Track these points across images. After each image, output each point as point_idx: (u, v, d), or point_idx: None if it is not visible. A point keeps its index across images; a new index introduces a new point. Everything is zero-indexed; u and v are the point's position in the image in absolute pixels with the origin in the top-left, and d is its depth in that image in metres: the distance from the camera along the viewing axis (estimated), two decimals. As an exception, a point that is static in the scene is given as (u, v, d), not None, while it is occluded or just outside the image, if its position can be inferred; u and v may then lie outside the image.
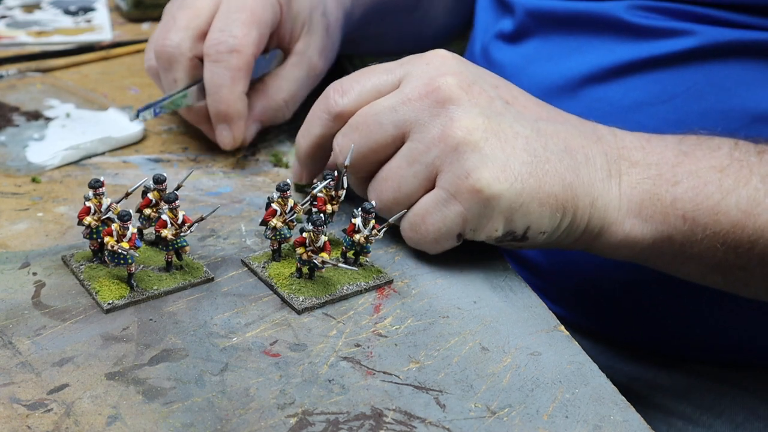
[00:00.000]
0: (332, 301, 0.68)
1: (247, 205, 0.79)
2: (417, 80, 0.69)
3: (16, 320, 0.65)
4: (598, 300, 0.94)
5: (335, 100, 0.72)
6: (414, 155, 0.69)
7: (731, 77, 0.84)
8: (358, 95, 0.72)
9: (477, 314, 0.68)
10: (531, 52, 0.94)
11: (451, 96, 0.68)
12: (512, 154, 0.67)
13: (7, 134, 0.88)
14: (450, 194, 0.68)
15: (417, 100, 0.69)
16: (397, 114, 0.69)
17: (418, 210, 0.70)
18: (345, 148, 0.71)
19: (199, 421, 0.57)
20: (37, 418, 0.57)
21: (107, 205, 0.68)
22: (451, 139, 0.67)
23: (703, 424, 0.91)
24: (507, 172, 0.67)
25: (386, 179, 0.70)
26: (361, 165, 0.71)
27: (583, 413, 0.59)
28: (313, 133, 0.74)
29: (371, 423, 0.58)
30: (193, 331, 0.64)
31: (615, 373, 0.93)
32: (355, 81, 0.72)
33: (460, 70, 0.70)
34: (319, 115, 0.73)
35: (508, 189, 0.67)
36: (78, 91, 0.96)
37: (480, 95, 0.69)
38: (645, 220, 0.71)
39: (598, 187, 0.70)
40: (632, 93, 0.87)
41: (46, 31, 1.11)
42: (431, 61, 0.71)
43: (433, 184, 0.69)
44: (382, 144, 0.70)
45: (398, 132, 0.69)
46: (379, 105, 0.70)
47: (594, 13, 0.89)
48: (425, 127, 0.68)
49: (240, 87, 0.82)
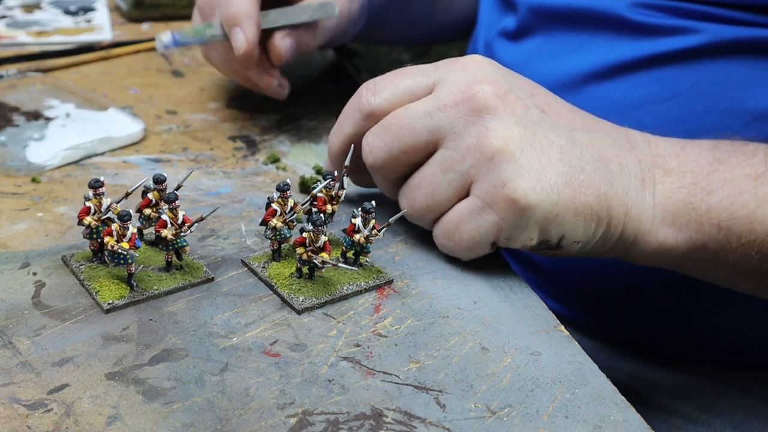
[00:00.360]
0: (332, 301, 0.68)
1: (247, 205, 0.79)
2: (452, 86, 0.69)
3: (16, 320, 0.65)
4: (599, 299, 0.94)
5: (368, 99, 0.72)
6: (449, 163, 0.68)
7: (734, 75, 0.84)
8: (392, 96, 0.71)
9: (477, 314, 0.68)
10: (533, 49, 0.94)
11: (487, 105, 0.68)
12: (548, 164, 0.67)
13: (7, 134, 0.88)
14: (485, 203, 0.67)
15: (452, 107, 0.68)
16: (431, 120, 0.69)
17: (452, 218, 0.69)
18: (375, 149, 0.71)
19: (199, 421, 0.57)
20: (37, 418, 0.57)
21: (107, 205, 0.68)
22: (487, 149, 0.67)
23: (703, 423, 0.91)
24: (543, 183, 0.67)
25: (419, 186, 0.70)
26: (391, 167, 0.71)
27: (583, 413, 0.59)
28: (344, 132, 0.74)
29: (371, 423, 0.58)
30: (193, 331, 0.64)
31: (615, 372, 0.93)
32: (388, 81, 0.72)
33: (497, 77, 0.70)
34: (351, 113, 0.73)
35: (543, 199, 0.67)
36: (78, 91, 0.96)
37: (516, 104, 0.69)
38: (679, 229, 0.71)
39: (632, 197, 0.70)
40: (634, 91, 0.87)
41: (46, 31, 1.11)
42: (467, 67, 0.70)
43: (467, 192, 0.69)
44: (414, 148, 0.70)
45: (432, 138, 0.69)
46: (414, 109, 0.70)
47: (597, 10, 0.89)
48: (460, 136, 0.68)
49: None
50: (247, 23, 0.83)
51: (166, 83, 1.01)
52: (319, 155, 0.88)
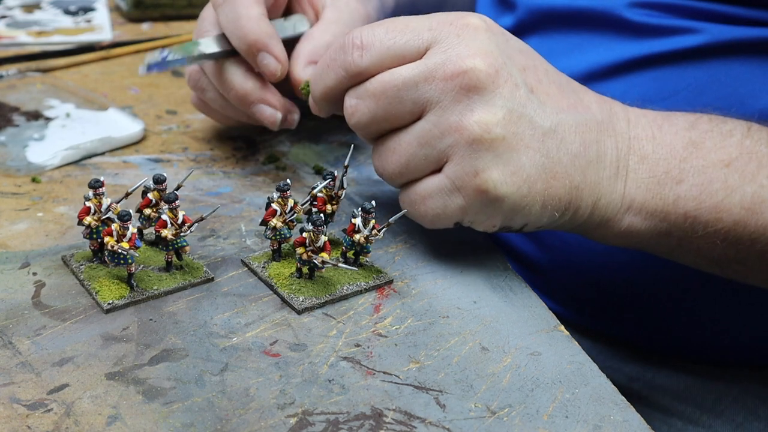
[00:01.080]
0: (332, 301, 0.68)
1: (247, 205, 0.79)
2: (444, 55, 0.67)
3: (16, 320, 0.65)
4: (598, 299, 0.94)
5: (353, 57, 0.68)
6: (427, 137, 0.67)
7: (733, 74, 0.84)
8: (380, 57, 0.68)
9: (477, 314, 0.68)
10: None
11: (476, 84, 0.66)
12: (525, 154, 0.67)
13: (7, 134, 0.88)
14: (455, 186, 0.67)
15: (441, 80, 0.66)
16: (418, 91, 0.67)
17: (420, 191, 0.69)
18: (358, 112, 0.69)
19: (199, 421, 0.57)
20: (37, 418, 0.57)
21: (107, 205, 0.68)
22: (467, 132, 0.66)
23: (703, 425, 0.91)
24: (516, 175, 0.67)
25: (394, 151, 0.69)
26: (372, 129, 0.70)
27: (583, 413, 0.59)
28: (326, 83, 0.71)
29: (371, 423, 0.58)
30: (193, 331, 0.64)
31: (615, 372, 0.93)
32: (377, 38, 0.68)
33: (491, 48, 0.68)
34: (335, 68, 0.70)
35: (514, 192, 0.67)
36: (78, 91, 0.96)
37: (505, 83, 0.67)
38: (645, 218, 0.72)
39: (603, 186, 0.70)
40: (633, 90, 0.87)
41: (46, 31, 1.11)
42: (462, 33, 0.67)
43: (440, 167, 0.68)
44: (398, 117, 0.68)
45: (416, 108, 0.68)
46: (400, 76, 0.67)
47: (595, 10, 0.89)
48: (444, 112, 0.67)
49: (255, 10, 0.78)
50: (273, 44, 0.78)
51: (166, 83, 1.01)
52: (319, 155, 0.88)
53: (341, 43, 0.69)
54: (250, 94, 0.80)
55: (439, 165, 0.68)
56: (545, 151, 0.68)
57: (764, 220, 0.72)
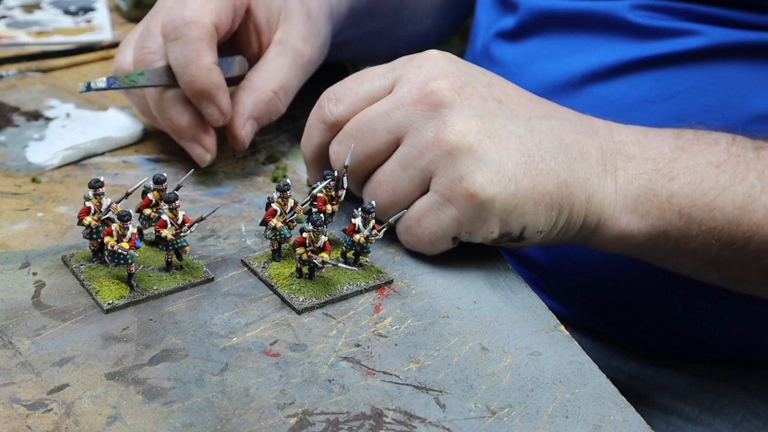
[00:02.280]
0: (332, 301, 0.68)
1: (247, 205, 0.79)
2: (409, 84, 0.70)
3: (16, 320, 0.65)
4: (597, 298, 0.94)
5: (329, 109, 0.72)
6: (408, 160, 0.69)
7: (734, 77, 0.84)
8: (352, 103, 0.72)
9: (477, 314, 0.68)
10: (532, 49, 0.94)
11: (443, 100, 0.68)
12: (506, 154, 0.68)
13: (7, 134, 0.88)
14: (444, 198, 0.68)
15: (410, 105, 0.69)
16: (390, 119, 0.69)
17: (413, 213, 0.70)
18: (341, 155, 0.71)
19: (199, 421, 0.57)
20: (37, 418, 0.57)
21: (107, 205, 0.68)
22: (444, 144, 0.67)
23: (702, 423, 0.91)
24: (500, 175, 0.67)
25: (381, 183, 0.71)
26: (358, 171, 0.72)
27: (583, 413, 0.59)
28: (312, 143, 0.75)
29: (371, 423, 0.58)
30: (193, 331, 0.64)
31: (614, 371, 0.93)
32: (348, 88, 0.72)
33: (452, 71, 0.70)
34: (316, 125, 0.74)
35: (502, 191, 0.67)
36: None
37: (472, 96, 0.69)
38: (641, 216, 0.72)
39: (593, 183, 0.70)
40: (634, 91, 0.87)
41: (46, 31, 1.11)
42: (423, 64, 0.71)
43: (427, 187, 0.69)
44: (377, 150, 0.70)
45: (392, 137, 0.70)
46: (372, 111, 0.70)
47: (597, 12, 0.89)
48: (419, 132, 0.68)
49: (207, 58, 0.76)
50: (218, 95, 0.77)
51: (166, 83, 1.01)
52: (319, 155, 0.88)
53: (318, 103, 0.74)
54: (184, 131, 0.80)
55: (425, 185, 0.69)
56: (525, 150, 0.69)
57: (757, 219, 0.72)
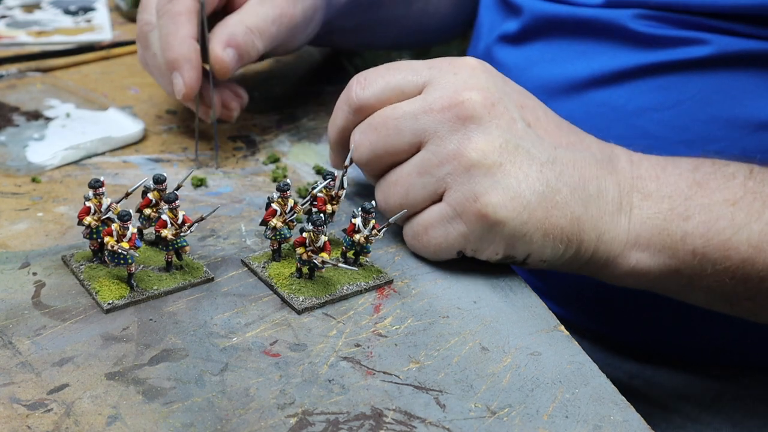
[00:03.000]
0: (332, 301, 0.68)
1: (247, 205, 0.79)
2: (442, 90, 0.69)
3: (16, 320, 0.65)
4: (597, 300, 0.94)
5: (356, 92, 0.71)
6: (426, 166, 0.68)
7: (738, 86, 0.83)
8: (381, 91, 0.71)
9: (477, 314, 0.68)
10: (536, 54, 0.94)
11: (473, 114, 0.67)
12: (524, 181, 0.67)
13: (7, 134, 0.88)
14: (456, 213, 0.68)
15: (439, 111, 0.68)
16: (417, 122, 0.68)
17: (422, 221, 0.70)
18: (361, 147, 0.71)
19: (199, 421, 0.57)
20: (37, 418, 0.57)
21: (107, 205, 0.68)
22: (465, 159, 0.67)
23: (702, 422, 0.91)
24: (516, 201, 0.67)
25: (395, 183, 0.70)
26: (375, 164, 0.71)
27: (583, 413, 0.59)
28: (337, 125, 0.74)
29: (371, 423, 0.58)
30: (193, 331, 0.64)
31: (614, 370, 0.93)
32: (379, 75, 0.71)
33: (487, 85, 0.69)
34: (341, 106, 0.73)
35: (514, 218, 0.67)
36: (78, 90, 0.96)
37: (502, 115, 0.68)
38: (653, 254, 0.71)
39: (606, 221, 0.70)
40: (637, 98, 0.87)
41: (46, 31, 1.11)
42: (459, 71, 0.70)
43: (440, 197, 0.69)
44: (398, 149, 0.70)
45: (415, 140, 0.69)
46: (400, 109, 0.69)
47: (600, 20, 0.88)
48: (442, 141, 0.68)
49: (184, 31, 0.80)
50: (186, 69, 0.80)
51: (166, 83, 1.01)
52: (319, 155, 0.88)
53: (348, 85, 0.72)
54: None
55: (439, 195, 0.69)
56: (544, 180, 0.68)
57: None
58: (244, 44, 0.82)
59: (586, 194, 0.69)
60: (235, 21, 0.82)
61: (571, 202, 0.68)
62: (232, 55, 0.82)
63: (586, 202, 0.69)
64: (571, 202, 0.68)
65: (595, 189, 0.70)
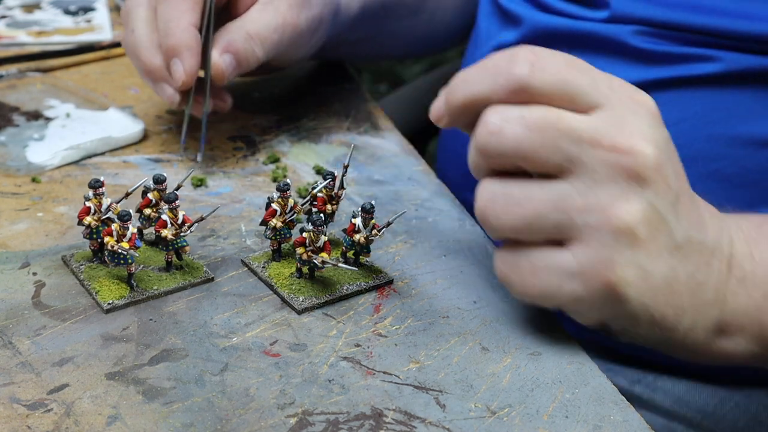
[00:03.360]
0: (332, 301, 0.68)
1: (247, 205, 0.79)
2: (617, 126, 0.60)
3: (16, 320, 0.65)
4: None
5: (522, 70, 0.60)
6: (566, 204, 0.59)
7: (742, 103, 0.82)
8: (554, 85, 0.60)
9: (477, 314, 0.68)
10: None
11: (642, 173, 0.59)
12: (658, 262, 0.61)
13: (7, 134, 0.88)
14: (580, 272, 0.60)
15: (607, 149, 0.59)
16: (578, 148, 0.59)
17: (534, 260, 0.62)
18: (504, 137, 0.60)
19: (199, 421, 0.57)
20: (37, 418, 0.57)
21: (107, 205, 0.68)
22: (615, 220, 0.59)
23: (705, 429, 0.91)
24: (645, 282, 0.61)
25: (519, 203, 0.60)
26: (502, 161, 0.61)
27: (583, 413, 0.59)
28: (473, 90, 0.62)
29: (371, 423, 0.58)
30: (193, 331, 0.64)
31: (615, 375, 0.92)
32: (558, 66, 0.60)
33: (661, 141, 0.61)
34: (493, 74, 0.61)
35: (637, 299, 0.61)
36: (78, 90, 0.96)
37: (663, 182, 0.61)
38: (741, 342, 0.67)
39: (702, 311, 0.65)
40: None
41: (46, 31, 1.11)
42: (639, 111, 0.61)
43: (564, 240, 0.61)
44: (541, 163, 0.60)
45: (567, 165, 0.59)
46: (568, 123, 0.59)
47: (600, 34, 0.87)
48: (596, 185, 0.59)
49: (186, 18, 0.79)
50: (187, 56, 0.79)
51: (166, 83, 1.01)
52: (319, 155, 0.88)
53: (510, 53, 0.61)
54: (156, 71, 0.81)
55: (564, 238, 0.61)
56: (673, 265, 0.62)
57: None
58: (243, 51, 0.81)
59: (694, 283, 0.63)
60: (236, 27, 0.82)
61: (683, 293, 0.63)
62: (230, 61, 0.81)
63: (693, 291, 0.63)
64: (683, 292, 0.63)
65: (703, 277, 0.64)
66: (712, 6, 0.82)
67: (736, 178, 0.84)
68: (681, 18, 0.83)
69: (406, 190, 0.82)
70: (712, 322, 0.65)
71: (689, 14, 0.83)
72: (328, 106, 0.97)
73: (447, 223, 0.78)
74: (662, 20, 0.84)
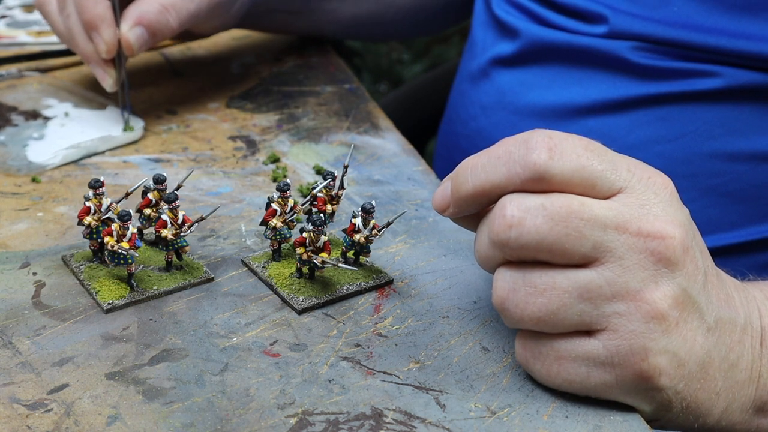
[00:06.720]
0: (332, 301, 0.68)
1: (247, 205, 0.79)
2: (642, 210, 0.58)
3: (16, 320, 0.65)
4: None
5: (541, 157, 0.57)
6: (593, 294, 0.57)
7: (743, 119, 0.81)
8: (573, 172, 0.57)
9: (477, 314, 0.68)
10: (531, 78, 0.92)
11: (670, 258, 0.57)
12: (691, 347, 0.59)
13: (6, 134, 0.88)
14: (612, 362, 0.58)
15: (634, 235, 0.57)
16: (604, 235, 0.57)
17: (559, 348, 0.59)
18: (525, 230, 0.57)
19: (199, 421, 0.57)
20: (37, 418, 0.57)
21: (107, 205, 0.68)
22: (648, 307, 0.57)
23: None
24: (679, 369, 0.59)
25: (543, 293, 0.58)
26: (524, 253, 0.58)
27: (583, 413, 0.59)
28: (490, 179, 0.59)
29: (371, 423, 0.58)
30: (193, 331, 0.64)
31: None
32: (575, 151, 0.58)
33: (684, 223, 0.59)
34: (509, 162, 0.58)
35: (671, 387, 0.59)
36: (76, 90, 0.96)
37: (691, 264, 0.59)
38: None
39: (735, 391, 0.63)
40: (638, 129, 0.84)
41: (46, 31, 1.11)
42: (660, 192, 0.59)
43: (591, 330, 0.58)
44: (566, 254, 0.57)
45: (593, 254, 0.57)
46: (591, 211, 0.57)
47: (598, 49, 0.87)
48: (624, 272, 0.57)
49: None
50: (103, 27, 0.83)
51: (166, 83, 1.01)
52: (319, 155, 0.88)
53: (523, 139, 0.58)
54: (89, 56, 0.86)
55: (591, 328, 0.58)
56: (706, 349, 0.60)
57: None
58: (156, 22, 0.83)
59: (728, 364, 0.61)
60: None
61: (717, 376, 0.61)
62: (140, 33, 0.84)
63: (727, 373, 0.61)
64: (717, 375, 0.61)
65: (735, 357, 0.62)
66: (711, 25, 0.82)
67: (736, 193, 0.84)
68: (680, 36, 0.83)
69: (406, 190, 0.82)
70: (749, 401, 0.63)
71: (688, 32, 0.82)
72: (328, 106, 0.97)
73: (447, 223, 0.78)
74: (661, 37, 0.84)
